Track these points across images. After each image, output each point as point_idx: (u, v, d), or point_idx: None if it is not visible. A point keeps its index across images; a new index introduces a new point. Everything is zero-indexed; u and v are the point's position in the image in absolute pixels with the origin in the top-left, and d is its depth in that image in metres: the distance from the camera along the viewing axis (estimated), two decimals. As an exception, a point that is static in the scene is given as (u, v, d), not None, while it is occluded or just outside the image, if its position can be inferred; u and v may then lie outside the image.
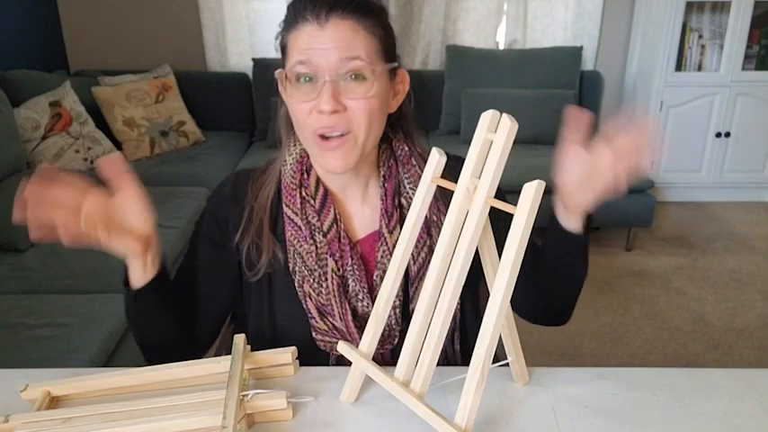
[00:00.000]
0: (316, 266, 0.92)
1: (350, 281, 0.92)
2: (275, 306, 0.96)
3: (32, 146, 2.70)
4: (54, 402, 0.81)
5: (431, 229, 0.94)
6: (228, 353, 0.82)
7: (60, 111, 2.83)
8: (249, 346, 0.84)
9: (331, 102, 0.82)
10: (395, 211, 0.94)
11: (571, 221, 0.86)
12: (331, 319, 0.92)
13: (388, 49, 0.88)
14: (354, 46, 0.83)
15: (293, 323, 0.94)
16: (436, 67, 3.68)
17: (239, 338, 0.84)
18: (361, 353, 0.77)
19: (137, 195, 0.82)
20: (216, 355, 0.87)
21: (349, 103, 0.84)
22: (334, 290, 0.91)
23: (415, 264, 0.93)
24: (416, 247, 0.93)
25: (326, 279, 0.92)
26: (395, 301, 0.92)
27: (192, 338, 0.99)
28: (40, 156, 2.72)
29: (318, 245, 0.92)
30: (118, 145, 3.07)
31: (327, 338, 0.93)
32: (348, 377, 0.80)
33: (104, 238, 0.79)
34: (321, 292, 0.92)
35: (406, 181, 0.95)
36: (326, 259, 0.92)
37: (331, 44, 0.82)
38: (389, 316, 0.92)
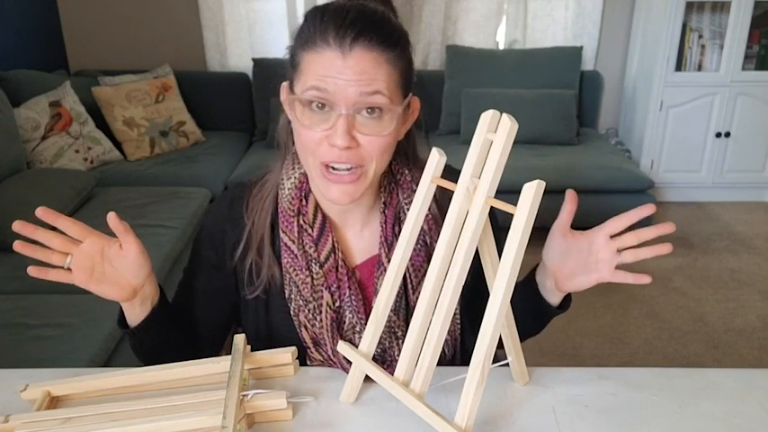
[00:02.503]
0: (311, 298, 0.89)
1: (347, 312, 0.89)
2: (273, 331, 0.95)
3: (32, 146, 2.70)
4: (54, 402, 0.81)
5: (431, 257, 0.92)
6: (228, 353, 0.82)
7: (60, 111, 2.83)
8: (249, 347, 0.84)
9: (346, 138, 0.77)
10: (394, 239, 0.90)
11: (555, 297, 0.88)
12: (325, 351, 0.90)
13: (408, 81, 0.84)
14: (376, 80, 0.77)
15: (291, 344, 0.91)
16: (436, 67, 3.68)
17: (239, 338, 0.83)
18: (361, 353, 0.77)
19: (135, 251, 0.81)
20: (216, 355, 0.87)
21: (362, 138, 0.79)
22: (327, 324, 0.88)
23: (414, 293, 0.90)
24: (416, 275, 0.90)
25: (321, 312, 0.89)
26: (397, 332, 0.90)
27: (197, 353, 0.98)
28: (41, 156, 2.72)
29: (314, 276, 0.89)
30: (118, 145, 3.08)
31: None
32: (348, 377, 0.80)
33: (83, 281, 0.80)
34: (315, 324, 0.90)
35: (405, 207, 0.92)
36: (322, 291, 0.89)
37: (352, 76, 0.76)
38: (392, 346, 0.90)
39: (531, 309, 0.90)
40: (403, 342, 0.88)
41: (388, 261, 0.88)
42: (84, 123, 2.93)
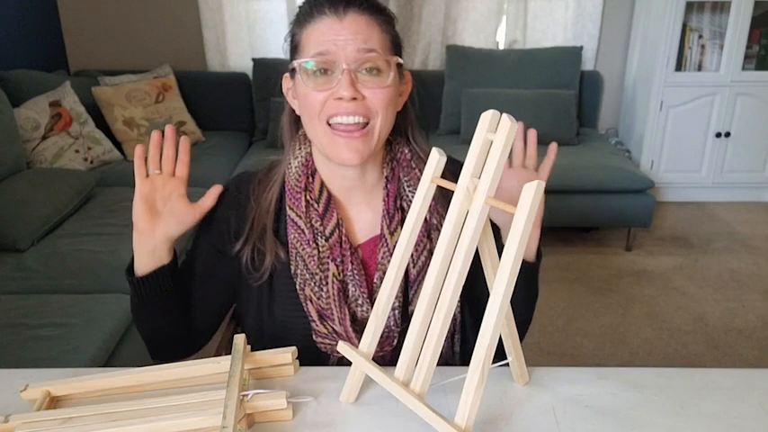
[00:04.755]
0: (317, 270, 0.92)
1: (350, 286, 0.93)
2: (276, 307, 0.96)
3: (32, 146, 2.70)
4: (54, 402, 0.81)
5: (431, 232, 0.95)
6: (228, 353, 0.82)
7: (60, 111, 2.83)
8: (249, 347, 0.84)
9: (350, 89, 0.84)
10: (396, 212, 0.94)
11: (532, 245, 0.91)
12: (331, 323, 0.92)
13: (397, 47, 0.91)
14: (370, 39, 0.85)
15: (294, 323, 0.94)
16: (436, 67, 3.68)
17: (239, 338, 0.83)
18: (361, 353, 0.77)
19: (191, 216, 0.92)
20: (216, 355, 0.87)
21: (366, 92, 0.86)
22: (334, 294, 0.91)
23: (414, 267, 0.93)
24: (416, 249, 0.93)
25: (327, 283, 0.92)
26: (394, 303, 0.92)
27: (193, 332, 1.00)
28: (41, 156, 2.72)
29: (320, 249, 0.93)
30: (118, 145, 3.08)
31: (327, 341, 0.93)
32: (348, 377, 0.80)
33: (142, 191, 0.91)
34: (322, 296, 0.92)
35: (405, 184, 0.96)
36: (328, 263, 0.92)
37: (349, 36, 0.84)
38: (389, 317, 0.92)
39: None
40: (400, 313, 0.92)
41: (390, 233, 0.93)
42: (84, 123, 2.93)
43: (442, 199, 0.93)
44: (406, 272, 0.94)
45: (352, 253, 0.93)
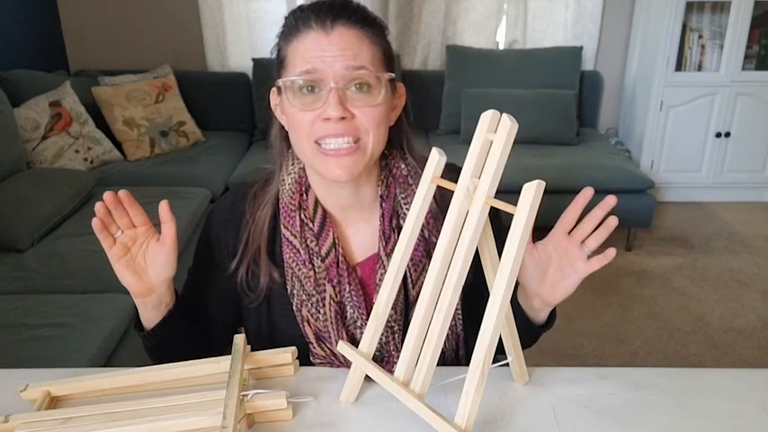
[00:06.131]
0: (314, 292, 0.90)
1: (348, 307, 0.90)
2: (274, 326, 0.95)
3: (32, 146, 2.70)
4: (54, 402, 0.81)
5: (430, 251, 0.91)
6: (229, 353, 0.82)
7: (60, 111, 2.83)
8: (249, 347, 0.84)
9: (338, 108, 0.80)
10: (392, 233, 0.91)
11: (543, 314, 0.88)
12: (328, 346, 0.90)
13: (389, 60, 0.87)
14: (360, 55, 0.81)
15: (292, 343, 0.91)
16: (436, 67, 3.68)
17: (239, 338, 0.84)
18: (361, 353, 0.77)
19: (167, 248, 0.85)
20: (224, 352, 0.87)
21: (356, 111, 0.82)
22: (331, 317, 0.89)
23: (414, 288, 0.91)
24: (416, 270, 0.91)
25: (324, 305, 0.90)
26: (393, 327, 0.90)
27: (213, 344, 0.99)
28: (41, 156, 2.72)
29: (317, 269, 0.90)
30: (118, 145, 3.08)
31: (326, 363, 0.92)
32: (348, 377, 0.80)
33: (116, 256, 0.85)
34: (319, 318, 0.90)
35: (402, 202, 0.92)
36: (324, 285, 0.90)
37: (337, 51, 0.80)
38: (389, 342, 0.90)
39: (519, 330, 0.89)
40: (400, 337, 0.89)
41: (387, 255, 0.90)
42: (84, 123, 2.93)
43: (442, 217, 0.92)
44: (406, 293, 0.91)
45: (349, 273, 0.90)
